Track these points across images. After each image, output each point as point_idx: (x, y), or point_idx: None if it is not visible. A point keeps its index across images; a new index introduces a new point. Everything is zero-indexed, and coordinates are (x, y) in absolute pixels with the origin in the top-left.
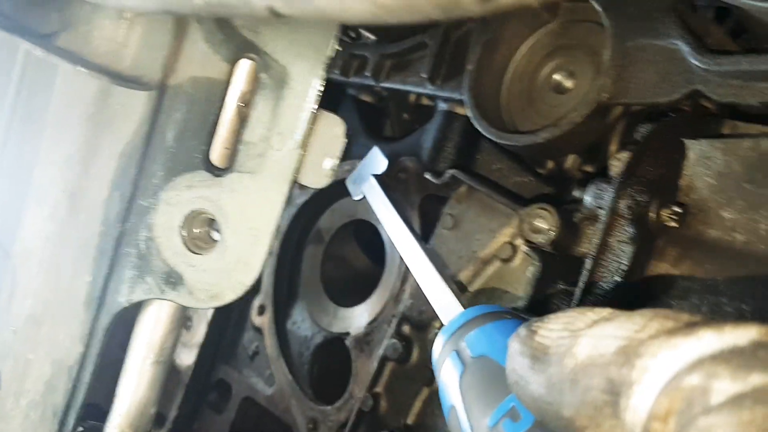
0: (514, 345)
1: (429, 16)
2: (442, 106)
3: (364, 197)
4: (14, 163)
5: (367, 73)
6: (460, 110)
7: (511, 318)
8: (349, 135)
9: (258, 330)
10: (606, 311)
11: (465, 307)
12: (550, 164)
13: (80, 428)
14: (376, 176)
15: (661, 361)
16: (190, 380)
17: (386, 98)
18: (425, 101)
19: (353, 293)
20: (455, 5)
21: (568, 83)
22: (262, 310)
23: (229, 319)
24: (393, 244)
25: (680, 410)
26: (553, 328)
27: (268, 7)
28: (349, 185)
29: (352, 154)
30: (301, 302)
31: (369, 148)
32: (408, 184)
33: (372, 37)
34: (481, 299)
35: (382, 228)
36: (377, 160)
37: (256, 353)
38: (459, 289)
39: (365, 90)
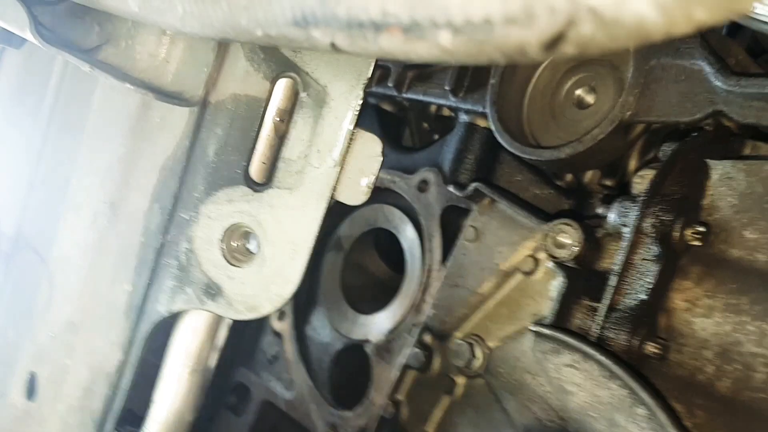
0: None
1: (491, 60)
2: (464, 118)
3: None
4: (51, 170)
5: (390, 84)
6: (481, 122)
7: None
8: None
9: (278, 335)
10: None
11: None
12: (570, 177)
13: None
14: None
15: None
16: (210, 383)
17: (407, 108)
18: (446, 112)
19: (373, 301)
20: (520, 53)
21: (590, 98)
22: (282, 315)
23: (248, 323)
24: (412, 252)
25: None
26: None
27: (331, 43)
28: None
29: None
30: (321, 308)
31: (389, 158)
32: (429, 194)
33: None
34: (503, 311)
35: (402, 236)
36: None
37: (276, 358)
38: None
39: (386, 99)
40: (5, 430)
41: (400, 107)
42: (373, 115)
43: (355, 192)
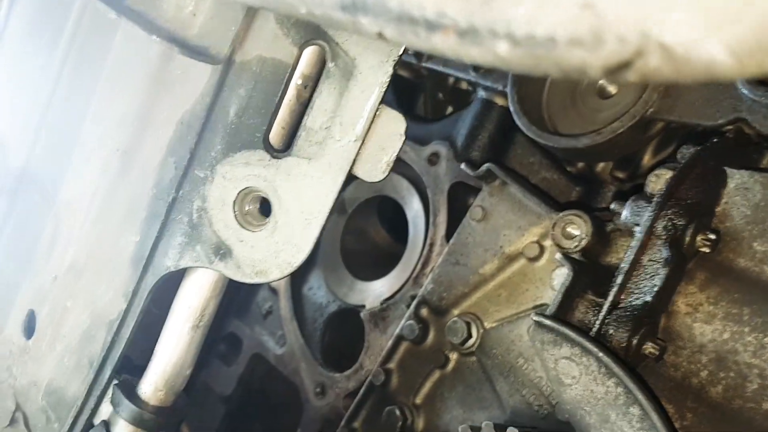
0: None
1: (545, 74)
2: (482, 94)
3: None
4: (63, 110)
5: (410, 51)
6: (499, 100)
7: None
8: None
9: (273, 290)
10: None
11: None
12: (582, 165)
13: (115, 380)
14: None
15: None
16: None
17: (424, 77)
18: (463, 85)
19: (371, 267)
20: (579, 73)
21: (612, 89)
22: None
23: None
24: (416, 224)
25: None
26: None
27: (378, 32)
28: None
29: None
30: (319, 269)
31: None
32: (439, 168)
33: None
34: (502, 293)
35: (407, 207)
36: None
37: (270, 313)
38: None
39: (404, 66)
40: (1, 365)
41: (417, 75)
42: None
43: (374, 169)
